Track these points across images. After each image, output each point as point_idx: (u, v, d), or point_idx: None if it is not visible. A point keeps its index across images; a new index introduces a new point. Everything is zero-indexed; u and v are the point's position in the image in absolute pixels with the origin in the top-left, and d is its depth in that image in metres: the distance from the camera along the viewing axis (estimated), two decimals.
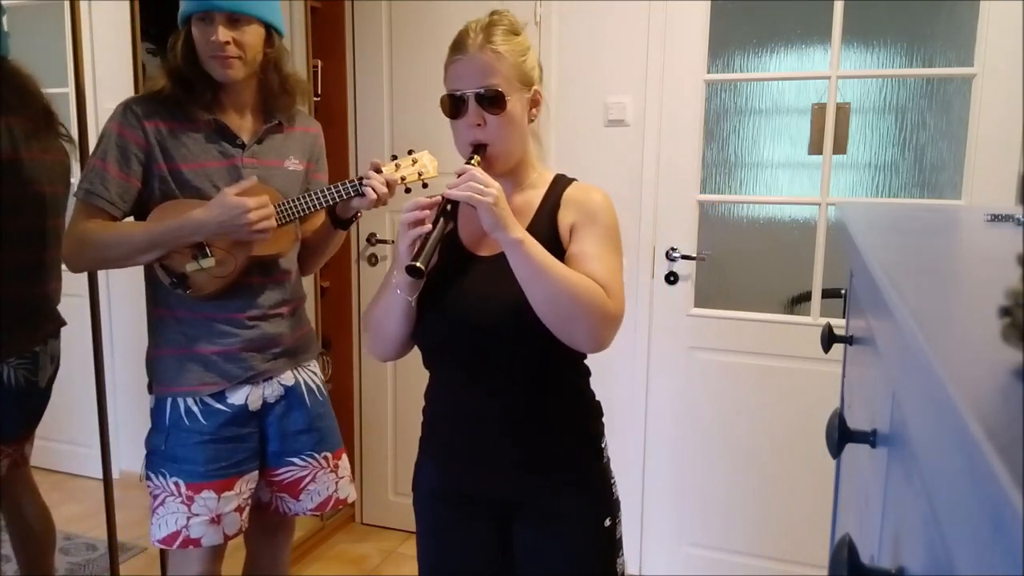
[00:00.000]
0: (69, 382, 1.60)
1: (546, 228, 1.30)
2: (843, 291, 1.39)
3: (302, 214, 1.64)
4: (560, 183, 1.37)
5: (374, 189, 1.62)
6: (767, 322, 2.44)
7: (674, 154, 2.46)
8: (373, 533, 3.02)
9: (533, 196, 1.35)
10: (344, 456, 1.88)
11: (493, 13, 1.31)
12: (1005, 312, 0.39)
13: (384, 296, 1.32)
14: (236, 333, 1.66)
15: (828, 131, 2.30)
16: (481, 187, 1.17)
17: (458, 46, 1.28)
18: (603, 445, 1.39)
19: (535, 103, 1.34)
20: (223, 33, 1.54)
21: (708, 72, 2.43)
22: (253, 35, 1.59)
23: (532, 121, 1.35)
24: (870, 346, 0.81)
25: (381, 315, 1.32)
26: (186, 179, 1.60)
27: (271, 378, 1.73)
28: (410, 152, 1.73)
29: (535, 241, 1.20)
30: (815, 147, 2.41)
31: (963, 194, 2.22)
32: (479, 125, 1.26)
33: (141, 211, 1.62)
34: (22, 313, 1.81)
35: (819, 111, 2.37)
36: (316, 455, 1.80)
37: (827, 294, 2.35)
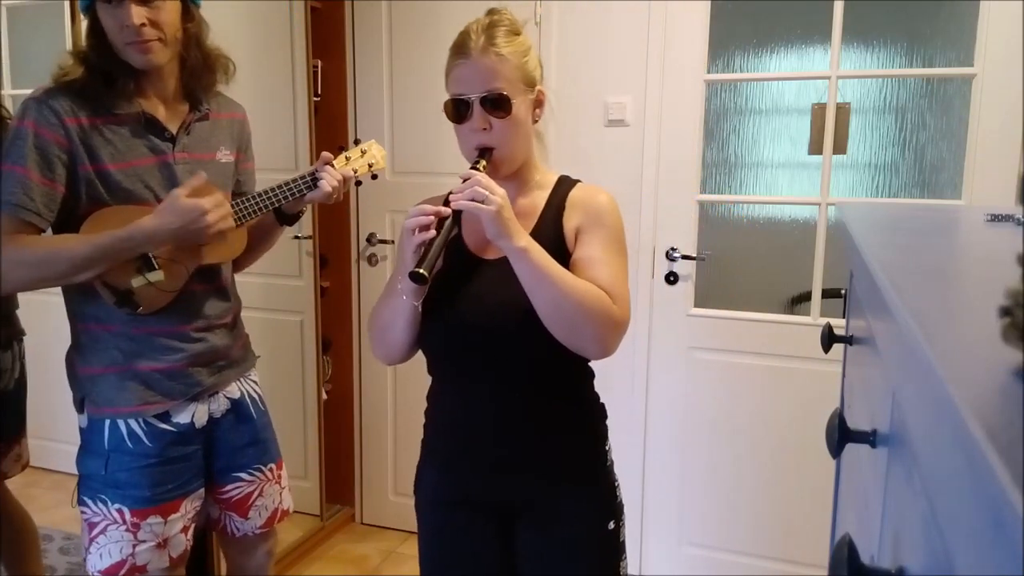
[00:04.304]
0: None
1: (551, 232, 1.29)
2: (843, 291, 1.39)
3: (258, 214, 1.55)
4: (564, 184, 1.35)
5: (329, 184, 1.57)
6: (767, 322, 2.44)
7: (674, 154, 2.46)
8: (373, 533, 3.02)
9: (538, 198, 1.33)
10: (283, 465, 1.80)
11: (492, 12, 1.29)
12: (1005, 312, 0.39)
13: (389, 301, 1.30)
14: (182, 348, 1.53)
15: (828, 131, 2.30)
16: (485, 195, 1.15)
17: (460, 49, 1.26)
18: (607, 448, 1.38)
19: (539, 103, 1.32)
20: (136, 14, 1.36)
21: (708, 72, 2.43)
22: (170, 11, 1.41)
23: (536, 121, 1.33)
24: (870, 346, 0.81)
25: (386, 320, 1.31)
26: (115, 180, 1.44)
27: (217, 392, 1.62)
28: (357, 142, 1.68)
29: (540, 248, 1.19)
30: (815, 147, 2.40)
31: (963, 194, 2.22)
32: (484, 129, 1.24)
33: (65, 220, 1.44)
34: None
35: (819, 111, 2.37)
36: (263, 468, 1.72)
37: (827, 294, 2.35)
